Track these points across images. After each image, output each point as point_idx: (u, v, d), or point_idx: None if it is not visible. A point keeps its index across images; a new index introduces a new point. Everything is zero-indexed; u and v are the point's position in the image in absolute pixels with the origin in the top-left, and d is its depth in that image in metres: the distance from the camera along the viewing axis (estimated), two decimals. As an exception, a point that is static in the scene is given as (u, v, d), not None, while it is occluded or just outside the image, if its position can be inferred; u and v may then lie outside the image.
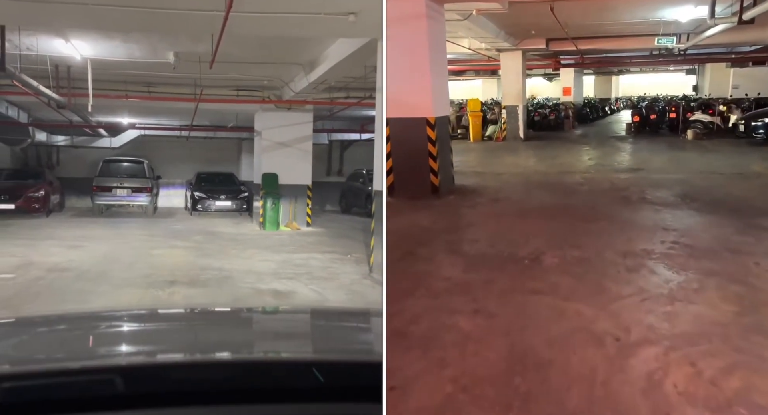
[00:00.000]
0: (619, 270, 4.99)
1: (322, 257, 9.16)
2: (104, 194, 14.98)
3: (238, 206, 15.61)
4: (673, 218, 7.03)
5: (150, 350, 1.45)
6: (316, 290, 6.88)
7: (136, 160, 16.49)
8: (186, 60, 9.49)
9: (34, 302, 6.03)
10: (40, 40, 8.53)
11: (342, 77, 10.51)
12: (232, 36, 7.14)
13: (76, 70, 10.40)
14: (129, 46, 9.09)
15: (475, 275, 4.92)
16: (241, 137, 18.56)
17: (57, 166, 18.77)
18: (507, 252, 5.61)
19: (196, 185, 16.26)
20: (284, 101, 12.63)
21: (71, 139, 18.20)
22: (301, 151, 13.50)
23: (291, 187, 13.12)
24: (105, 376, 1.06)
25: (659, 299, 4.27)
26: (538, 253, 5.55)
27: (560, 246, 5.78)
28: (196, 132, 17.74)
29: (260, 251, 9.73)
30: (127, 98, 11.80)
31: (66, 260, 8.23)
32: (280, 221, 12.84)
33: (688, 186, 9.32)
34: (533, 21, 13.47)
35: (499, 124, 18.48)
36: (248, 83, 12.39)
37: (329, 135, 18.99)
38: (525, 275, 4.91)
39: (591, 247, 5.75)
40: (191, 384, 1.09)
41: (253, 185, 14.83)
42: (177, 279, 7.26)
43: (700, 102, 21.43)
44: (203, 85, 11.28)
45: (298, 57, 9.93)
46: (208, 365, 1.23)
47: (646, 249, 5.63)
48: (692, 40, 14.86)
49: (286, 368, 1.21)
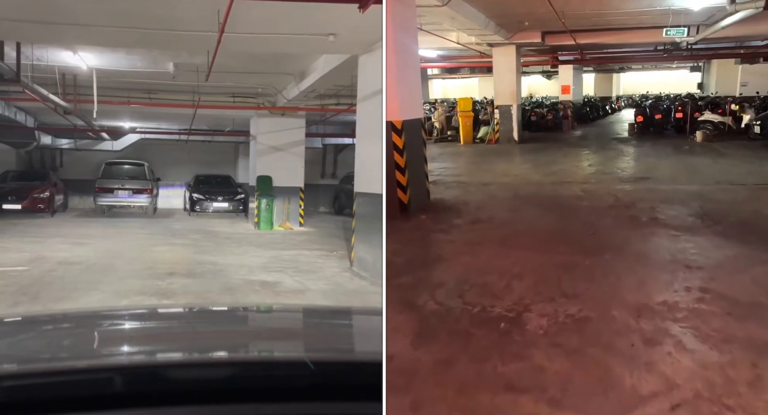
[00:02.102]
0: (633, 341, 3.52)
1: (310, 253, 9.83)
2: (106, 195, 15.78)
3: (234, 207, 16.37)
4: (695, 249, 5.56)
5: (149, 350, 1.44)
6: (299, 281, 7.49)
7: (136, 162, 17.21)
8: (185, 70, 10.25)
9: (50, 289, 6.62)
10: (50, 52, 9.29)
11: (331, 86, 11.16)
12: (227, 51, 7.77)
13: (81, 78, 10.99)
14: (132, 58, 9.82)
15: (426, 351, 3.44)
16: (238, 141, 19.33)
17: (60, 169, 19.34)
18: (479, 306, 4.14)
19: (195, 187, 17.05)
20: (278, 108, 13.53)
21: (74, 142, 18.71)
22: (294, 155, 14.34)
23: (285, 189, 13.86)
24: (105, 375, 1.07)
25: (700, 404, 2.80)
26: (521, 307, 4.09)
27: (551, 295, 4.32)
28: (195, 136, 18.32)
29: (253, 248, 10.35)
30: (129, 104, 12.82)
31: (74, 255, 8.83)
32: (273, 221, 13.46)
33: (706, 201, 7.85)
34: (526, 10, 11.97)
35: (491, 125, 16.97)
36: (244, 91, 13.14)
37: (323, 139, 19.17)
38: (499, 350, 3.44)
39: (592, 297, 4.29)
40: (191, 383, 1.08)
41: (249, 187, 15.43)
42: (175, 271, 7.84)
43: (708, 100, 19.94)
44: (201, 93, 12.03)
45: (289, 68, 10.84)
46: (208, 364, 1.23)
47: (667, 302, 4.17)
48: (704, 32, 13.36)
49: (285, 368, 1.20)
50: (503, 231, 6.42)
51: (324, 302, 6.47)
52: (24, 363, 1.21)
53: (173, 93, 12.68)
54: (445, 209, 7.56)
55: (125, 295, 6.44)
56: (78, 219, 14.84)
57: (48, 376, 1.05)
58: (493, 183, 9.80)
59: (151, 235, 11.85)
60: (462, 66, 24.63)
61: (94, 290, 6.62)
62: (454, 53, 19.28)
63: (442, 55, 20.05)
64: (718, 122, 16.81)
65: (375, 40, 7.38)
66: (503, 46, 15.52)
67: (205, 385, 1.08)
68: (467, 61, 21.22)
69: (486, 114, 17.92)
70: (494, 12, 12.11)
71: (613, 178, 10.11)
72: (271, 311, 2.52)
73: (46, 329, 1.61)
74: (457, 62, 22.23)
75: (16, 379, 1.04)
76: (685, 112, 17.66)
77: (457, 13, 10.01)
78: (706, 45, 18.69)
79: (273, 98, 13.63)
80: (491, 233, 6.36)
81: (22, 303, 6.02)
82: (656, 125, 18.37)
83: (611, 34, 15.50)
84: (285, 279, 7.54)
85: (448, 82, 35.72)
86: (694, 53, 20.18)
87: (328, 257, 9.42)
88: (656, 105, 19.99)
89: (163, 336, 1.60)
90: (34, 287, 6.73)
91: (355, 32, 6.90)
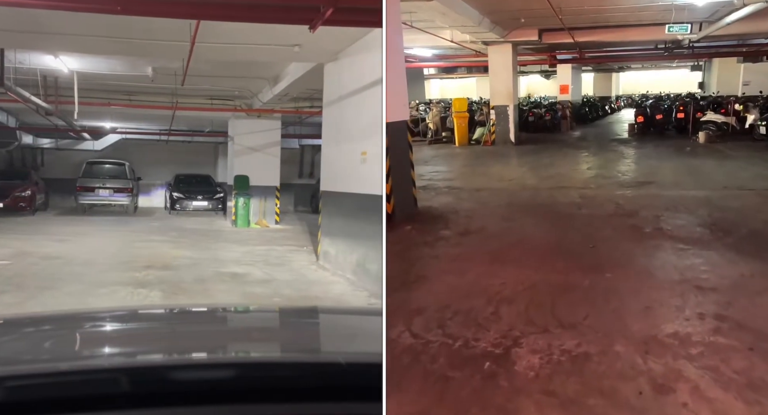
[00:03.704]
0: (641, 387, 2.96)
1: (281, 248, 10.40)
2: (87, 194, 15.99)
3: (213, 206, 16.77)
4: (706, 266, 5.01)
5: (149, 349, 1.45)
6: (267, 273, 7.97)
7: (117, 162, 17.46)
8: (163, 74, 10.52)
9: (34, 280, 6.98)
10: (32, 56, 9.59)
11: (305, 89, 11.41)
12: (201, 57, 8.37)
13: (63, 80, 11.11)
14: (111, 62, 10.16)
15: (394, 403, 2.86)
16: (218, 141, 19.70)
17: (42, 168, 19.39)
18: (461, 340, 3.57)
19: (175, 186, 17.39)
20: (254, 110, 13.79)
21: (56, 142, 18.89)
22: (271, 155, 14.85)
23: (261, 188, 14.36)
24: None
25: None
26: (510, 341, 3.53)
27: (545, 325, 3.77)
28: (175, 136, 18.52)
29: (228, 244, 10.80)
30: (110, 106, 13.05)
31: (56, 251, 9.10)
32: (250, 218, 13.96)
33: (715, 209, 7.30)
34: (521, 6, 11.42)
35: (487, 126, 16.41)
36: (221, 93, 13.42)
37: (300, 140, 19.48)
38: (481, 401, 2.87)
39: (592, 327, 3.73)
40: (191, 384, 1.07)
41: (228, 187, 15.72)
42: (152, 264, 8.19)
43: (710, 100, 19.38)
44: (179, 95, 12.39)
45: (262, 73, 11.33)
46: (207, 365, 1.23)
47: (679, 333, 3.61)
48: (707, 28, 12.82)
49: (285, 368, 1.19)
50: (494, 244, 5.85)
51: (287, 290, 6.97)
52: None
53: (153, 95, 12.86)
54: (433, 219, 7.00)
55: (104, 285, 6.85)
56: (59, 217, 14.97)
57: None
58: (486, 188, 9.23)
59: (131, 232, 12.11)
60: (458, 65, 24.05)
61: (75, 281, 7.00)
62: (449, 52, 18.74)
63: (437, 54, 19.51)
64: (722, 123, 16.27)
65: (339, 49, 8.08)
66: (499, 44, 14.96)
67: (204, 386, 1.07)
68: (463, 60, 20.69)
69: (482, 115, 17.36)
70: (488, 8, 11.55)
71: (613, 182, 9.55)
72: (270, 311, 2.48)
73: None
74: (453, 62, 21.70)
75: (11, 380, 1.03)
76: (687, 113, 17.11)
77: (448, 9, 9.46)
78: (708, 43, 18.15)
79: (249, 101, 13.98)
80: (481, 246, 5.79)
81: (8, 292, 6.38)
82: (657, 126, 17.84)
83: (610, 32, 14.93)
84: (254, 271, 8.07)
85: (446, 82, 35.23)
86: (695, 52, 19.64)
87: (298, 251, 10.08)
88: (657, 105, 19.45)
89: (163, 336, 1.60)
90: (18, 278, 7.09)
91: (319, 43, 7.25)
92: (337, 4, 4.88)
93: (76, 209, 16.30)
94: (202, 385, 1.07)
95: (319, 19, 5.11)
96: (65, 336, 1.52)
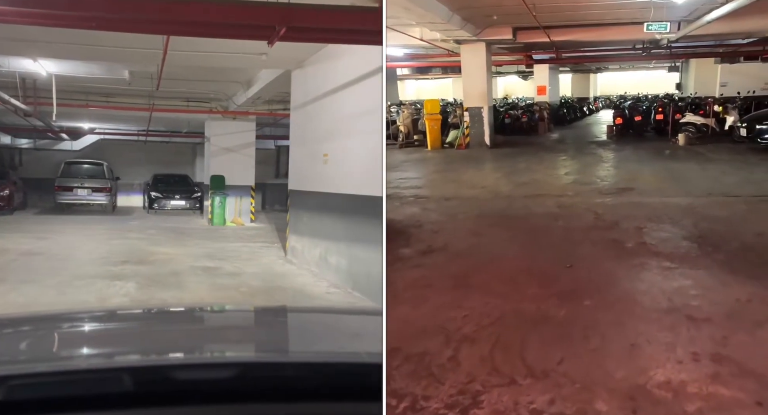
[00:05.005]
0: (628, 469, 2.33)
1: (254, 245, 10.97)
2: (66, 193, 16.17)
3: (191, 205, 17.12)
4: (696, 290, 4.41)
5: (148, 349, 1.43)
6: (237, 267, 8.43)
7: (96, 162, 17.67)
8: (140, 77, 10.88)
9: (15, 273, 7.38)
10: (11, 59, 9.75)
11: (278, 92, 11.74)
12: (175, 63, 8.84)
13: (41, 82, 11.28)
14: (89, 65, 10.38)
15: None
16: (195, 142, 19.81)
17: (20, 167, 19.49)
18: (408, 399, 2.90)
19: (153, 186, 17.68)
20: (229, 112, 14.24)
21: (34, 142, 19.04)
22: (246, 155, 15.36)
23: (237, 188, 14.83)
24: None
25: None
26: (468, 399, 2.87)
27: (512, 373, 3.12)
28: (153, 136, 18.83)
29: (203, 241, 11.26)
30: (88, 107, 13.39)
31: (35, 247, 9.49)
32: (226, 217, 14.36)
33: (701, 218, 6.74)
34: (493, 2, 10.82)
35: (461, 129, 15.79)
36: (197, 96, 13.76)
37: (276, 141, 19.79)
38: None
39: (568, 375, 3.09)
40: (190, 384, 1.06)
41: (205, 186, 15.90)
42: (128, 260, 8.62)
43: (689, 101, 19.00)
44: (156, 97, 12.72)
45: (236, 77, 11.70)
46: (207, 365, 1.22)
47: (671, 382, 2.99)
48: (687, 27, 12.35)
49: (285, 368, 1.19)
50: (459, 265, 5.19)
51: (254, 282, 7.41)
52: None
53: (130, 97, 13.15)
54: (394, 234, 6.31)
55: (82, 278, 7.24)
56: (38, 216, 15.26)
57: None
58: (456, 197, 8.58)
59: (109, 230, 12.50)
60: (432, 66, 23.47)
61: (55, 274, 7.36)
62: (422, 52, 18.11)
63: (409, 53, 18.87)
64: (701, 124, 15.81)
65: (304, 58, 8.68)
66: (471, 43, 14.32)
67: (204, 386, 1.05)
68: (437, 60, 20.08)
69: (455, 117, 16.73)
70: (458, 4, 10.90)
71: (592, 189, 8.97)
72: (270, 311, 2.45)
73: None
74: (427, 61, 21.08)
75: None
76: (666, 114, 16.66)
77: (412, 4, 8.79)
78: (686, 43, 17.78)
79: (225, 103, 14.18)
80: (444, 268, 5.12)
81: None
82: (636, 127, 17.36)
83: (587, 31, 14.38)
84: (225, 265, 8.56)
85: (422, 82, 34.63)
86: (673, 52, 19.28)
87: (269, 247, 10.66)
88: (635, 106, 19.02)
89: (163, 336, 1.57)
90: (0, 272, 7.38)
91: (284, 52, 7.59)
92: (290, 23, 5.22)
93: (55, 208, 16.36)
94: (200, 385, 1.06)
95: (275, 36, 5.46)
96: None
